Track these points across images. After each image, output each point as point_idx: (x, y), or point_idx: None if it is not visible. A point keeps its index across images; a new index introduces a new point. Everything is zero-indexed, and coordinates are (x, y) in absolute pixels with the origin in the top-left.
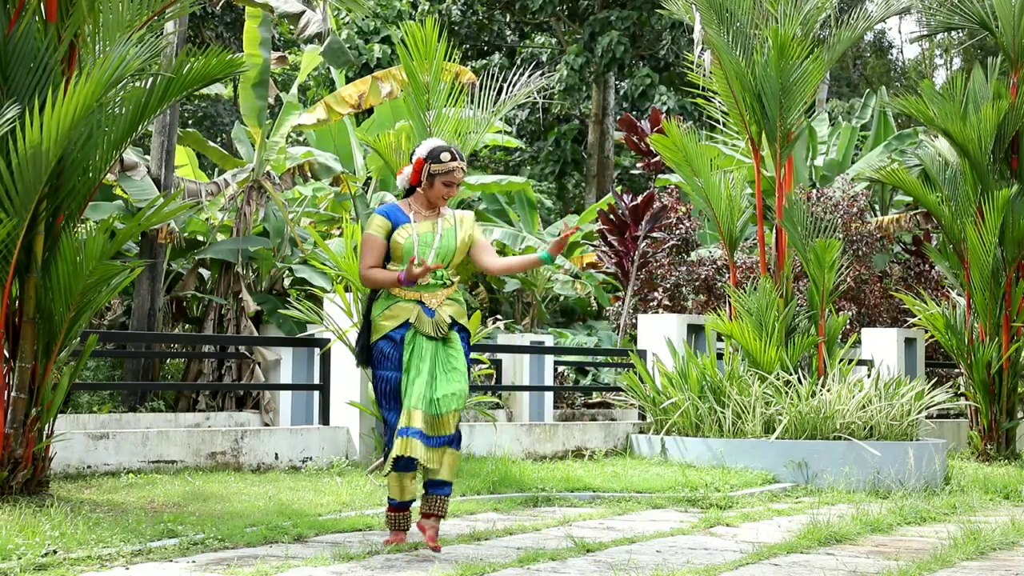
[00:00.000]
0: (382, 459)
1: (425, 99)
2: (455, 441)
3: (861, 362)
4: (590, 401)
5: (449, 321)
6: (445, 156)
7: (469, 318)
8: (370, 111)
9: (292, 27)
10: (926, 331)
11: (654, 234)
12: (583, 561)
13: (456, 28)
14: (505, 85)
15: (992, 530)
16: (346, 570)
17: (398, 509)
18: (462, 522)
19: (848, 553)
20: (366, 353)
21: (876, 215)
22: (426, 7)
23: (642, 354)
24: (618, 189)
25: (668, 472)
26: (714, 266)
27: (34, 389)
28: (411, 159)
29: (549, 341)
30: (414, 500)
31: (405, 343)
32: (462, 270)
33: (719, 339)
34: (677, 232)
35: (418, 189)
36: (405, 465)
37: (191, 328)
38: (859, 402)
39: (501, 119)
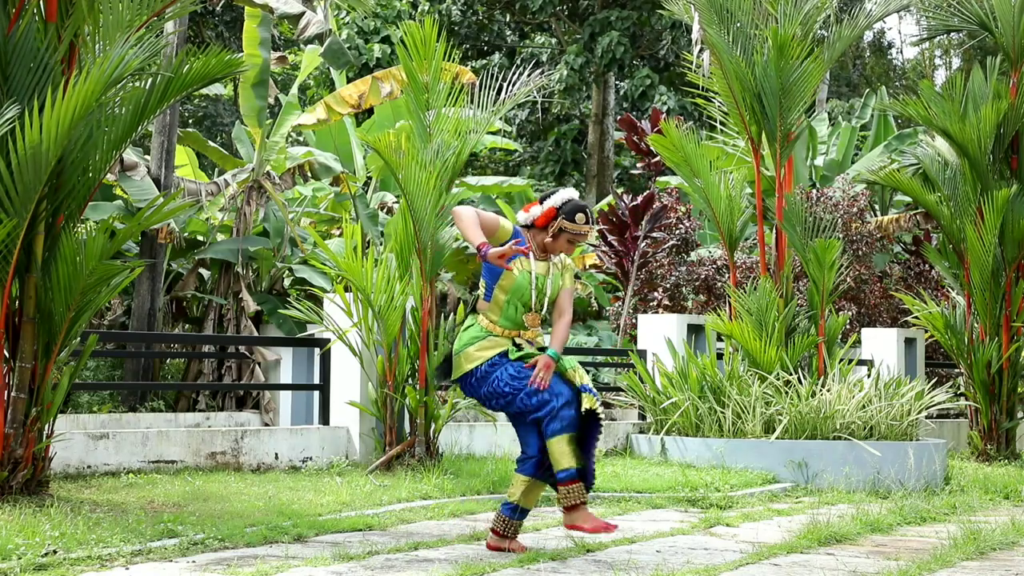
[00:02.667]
0: (383, 459)
1: (425, 99)
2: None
3: (861, 362)
4: None
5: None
6: (580, 218)
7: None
8: (370, 111)
9: (292, 27)
10: (926, 331)
11: (654, 234)
12: (583, 561)
13: (456, 28)
14: (505, 85)
15: (992, 530)
16: (346, 570)
17: (576, 479)
18: (462, 522)
19: (848, 553)
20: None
21: (876, 215)
22: (426, 7)
23: (642, 354)
24: (618, 189)
25: (668, 472)
26: (714, 266)
27: (34, 389)
28: (542, 201)
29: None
30: None
31: (511, 354)
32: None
33: (719, 339)
34: (677, 232)
35: (538, 231)
36: (573, 426)
37: (191, 328)
38: (859, 402)
39: (501, 119)
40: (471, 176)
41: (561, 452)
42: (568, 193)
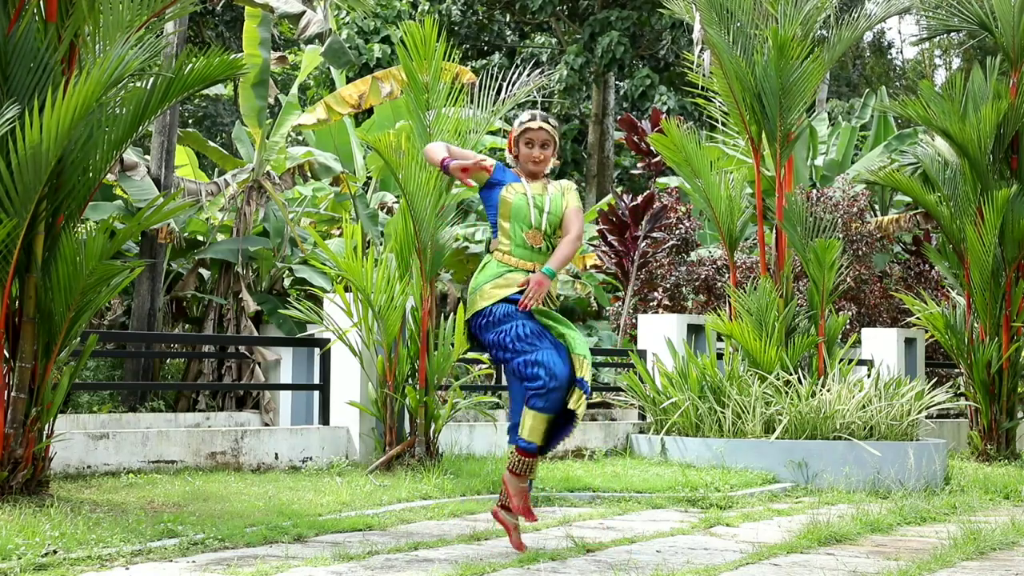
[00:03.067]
0: (383, 459)
1: (425, 99)
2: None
3: (861, 362)
4: (590, 401)
5: (556, 298)
6: (524, 117)
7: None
8: (370, 111)
9: (292, 27)
10: (926, 331)
11: (654, 234)
12: (583, 561)
13: (456, 28)
14: (505, 85)
15: (992, 530)
16: (346, 570)
17: (533, 454)
18: (462, 522)
19: (848, 553)
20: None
21: (876, 215)
22: (426, 7)
23: (642, 354)
24: (618, 189)
25: (668, 472)
26: (714, 266)
27: (34, 389)
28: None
29: None
30: None
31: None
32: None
33: (719, 339)
34: (677, 232)
35: (514, 161)
36: (555, 409)
37: (191, 328)
38: (859, 402)
39: (501, 119)
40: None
41: (533, 426)
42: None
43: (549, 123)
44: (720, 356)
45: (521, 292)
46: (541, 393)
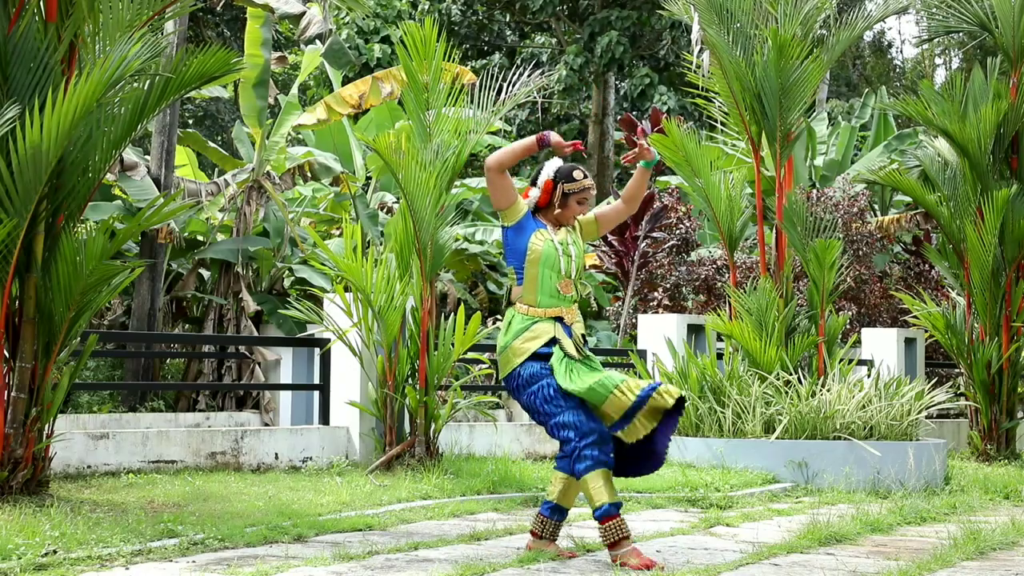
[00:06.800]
0: (383, 459)
1: (425, 99)
2: (648, 393)
3: (861, 362)
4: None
5: (583, 341)
6: (578, 175)
7: (468, 320)
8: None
9: (292, 27)
10: (926, 331)
11: (654, 234)
12: (583, 561)
13: (456, 28)
14: (505, 85)
15: (992, 530)
16: (346, 570)
17: (615, 515)
18: (462, 522)
19: (848, 553)
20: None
21: (876, 215)
22: (426, 7)
23: (642, 354)
24: (618, 189)
25: (668, 472)
26: (714, 266)
27: (34, 389)
28: (534, 183)
29: None
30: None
31: (552, 369)
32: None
33: (719, 339)
34: (677, 232)
35: (546, 209)
36: (602, 462)
37: (191, 328)
38: (859, 402)
39: (501, 119)
40: (471, 177)
41: (594, 489)
42: (555, 163)
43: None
44: (720, 356)
45: (547, 345)
46: (576, 455)
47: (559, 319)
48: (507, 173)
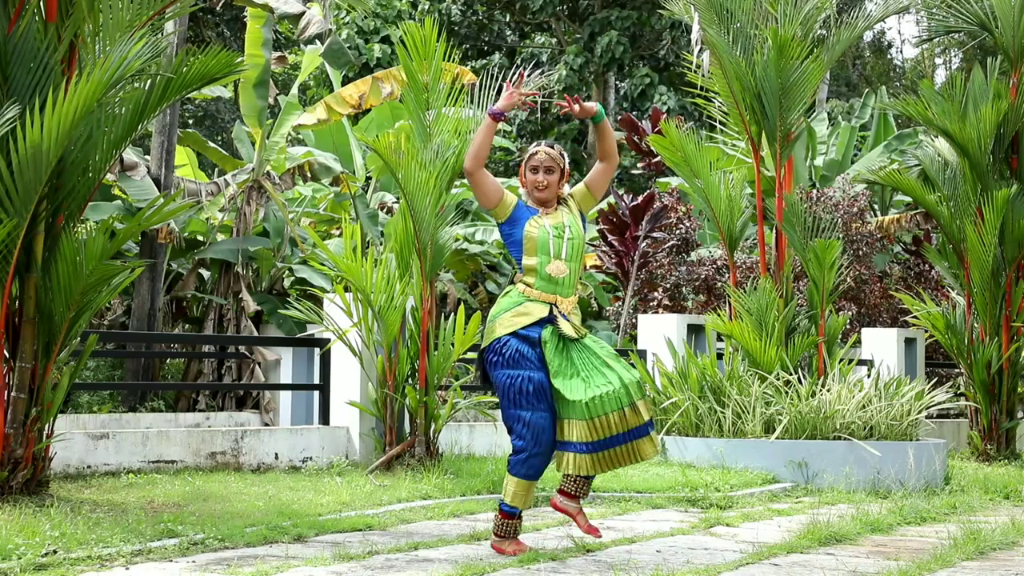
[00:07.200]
0: (383, 459)
1: (425, 99)
2: (642, 434)
3: (861, 362)
4: None
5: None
6: (532, 148)
7: (468, 320)
8: (368, 110)
9: (292, 27)
10: (926, 331)
11: (654, 234)
12: (583, 561)
13: (456, 28)
14: (505, 85)
15: (992, 530)
16: (346, 570)
17: (516, 517)
18: (462, 522)
19: (848, 553)
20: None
21: (876, 215)
22: (426, 7)
23: (642, 354)
24: (618, 189)
25: (668, 472)
26: (714, 266)
27: (34, 389)
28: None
29: None
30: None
31: (544, 343)
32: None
33: (719, 339)
34: (677, 232)
35: (527, 193)
36: (537, 475)
37: (191, 328)
38: (859, 402)
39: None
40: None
41: (516, 493)
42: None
43: (552, 148)
44: (720, 356)
45: (537, 325)
46: (522, 459)
47: (553, 305)
48: (485, 172)
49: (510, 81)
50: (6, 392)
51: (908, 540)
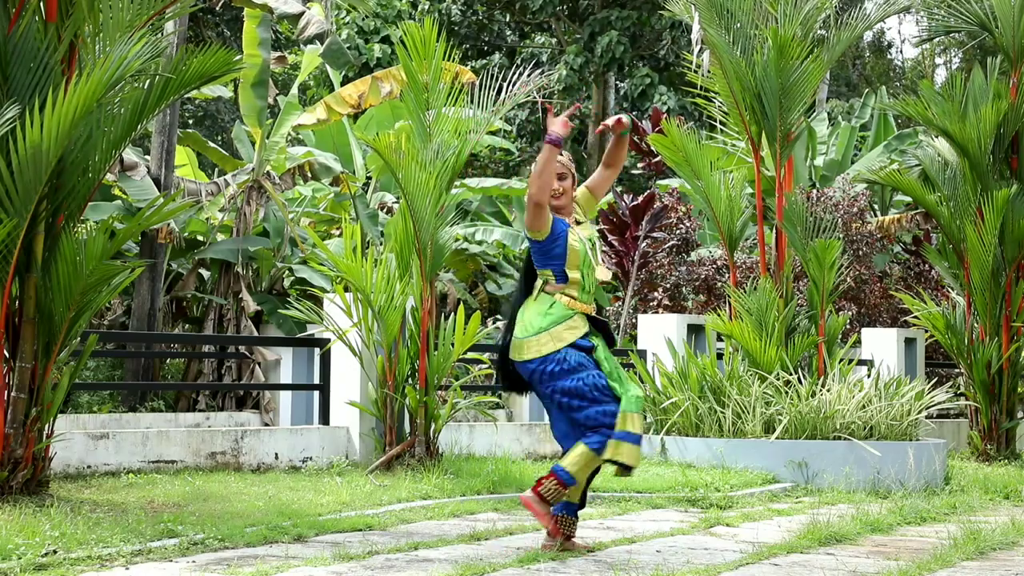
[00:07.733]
0: (383, 459)
1: (425, 99)
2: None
3: (861, 362)
4: None
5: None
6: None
7: (468, 320)
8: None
9: (292, 27)
10: (926, 331)
11: (654, 234)
12: (583, 561)
13: (456, 28)
14: (505, 85)
15: (992, 530)
16: (346, 570)
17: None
18: (462, 522)
19: (848, 553)
20: (514, 373)
21: (876, 215)
22: (426, 7)
23: (642, 354)
24: (618, 189)
25: (668, 472)
26: (714, 266)
27: (34, 389)
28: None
29: None
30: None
31: (596, 348)
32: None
33: (719, 339)
34: (677, 232)
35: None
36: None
37: (191, 328)
38: (859, 402)
39: (501, 119)
40: (472, 178)
41: (586, 464)
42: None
43: (562, 154)
44: (720, 356)
45: (586, 336)
46: (607, 435)
47: (588, 316)
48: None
49: (551, 105)
50: (6, 392)
51: (908, 540)
